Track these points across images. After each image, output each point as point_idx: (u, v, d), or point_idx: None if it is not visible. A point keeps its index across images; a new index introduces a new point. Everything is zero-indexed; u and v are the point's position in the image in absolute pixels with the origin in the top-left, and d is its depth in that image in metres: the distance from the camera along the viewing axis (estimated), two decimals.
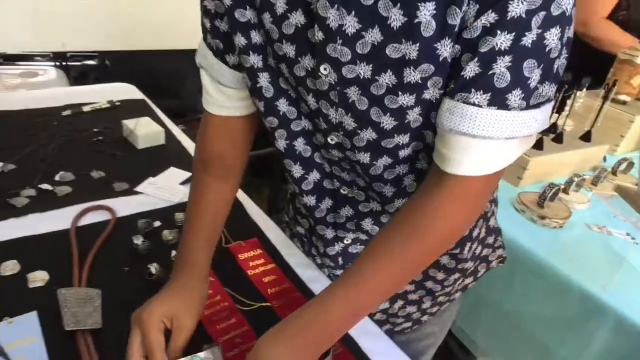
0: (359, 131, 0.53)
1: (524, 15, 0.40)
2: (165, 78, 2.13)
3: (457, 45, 0.44)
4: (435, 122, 0.49)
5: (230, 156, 0.65)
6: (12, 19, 1.84)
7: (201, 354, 0.54)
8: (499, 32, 0.41)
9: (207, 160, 0.64)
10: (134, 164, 0.99)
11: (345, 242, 0.69)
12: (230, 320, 0.65)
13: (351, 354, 0.62)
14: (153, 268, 0.70)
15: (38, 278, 0.67)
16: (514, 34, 0.40)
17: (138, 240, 0.75)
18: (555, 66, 0.44)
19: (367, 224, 0.66)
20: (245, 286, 0.71)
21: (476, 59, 0.42)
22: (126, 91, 1.38)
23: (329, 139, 0.57)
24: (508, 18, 0.40)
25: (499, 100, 0.43)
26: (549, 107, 0.46)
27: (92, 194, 0.86)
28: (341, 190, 0.64)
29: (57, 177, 0.90)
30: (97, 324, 0.60)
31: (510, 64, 0.41)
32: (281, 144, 0.60)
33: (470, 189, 0.49)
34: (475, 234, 0.69)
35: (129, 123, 1.07)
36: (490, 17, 0.41)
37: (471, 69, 0.43)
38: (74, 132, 1.08)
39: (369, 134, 0.52)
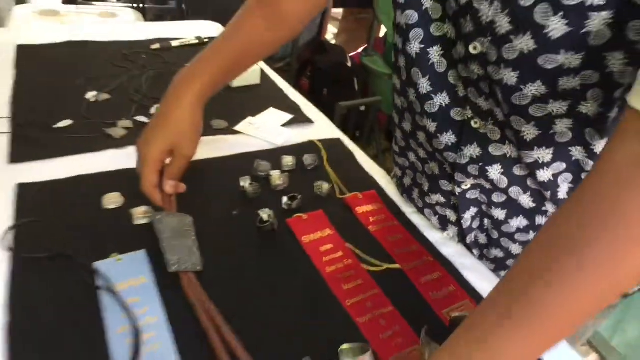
0: (512, 36, 0.41)
1: None
2: None
3: None
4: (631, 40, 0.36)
5: (289, 3, 0.63)
6: None
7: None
8: None
9: None
10: (230, 103, 0.91)
11: (463, 187, 0.57)
12: (357, 281, 0.55)
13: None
14: (265, 214, 0.62)
15: (141, 213, 0.60)
16: None
17: (245, 183, 0.67)
18: None
19: (495, 172, 0.53)
20: (368, 244, 0.61)
21: None
22: (211, 29, 1.29)
23: (470, 48, 0.46)
24: None
25: None
26: None
27: None
28: (472, 123, 0.52)
29: (152, 110, 0.83)
30: (198, 265, 0.53)
31: None
32: (414, 47, 0.51)
33: None
34: None
35: None
36: None
37: None
38: (164, 66, 1.01)
39: (525, 43, 0.41)
